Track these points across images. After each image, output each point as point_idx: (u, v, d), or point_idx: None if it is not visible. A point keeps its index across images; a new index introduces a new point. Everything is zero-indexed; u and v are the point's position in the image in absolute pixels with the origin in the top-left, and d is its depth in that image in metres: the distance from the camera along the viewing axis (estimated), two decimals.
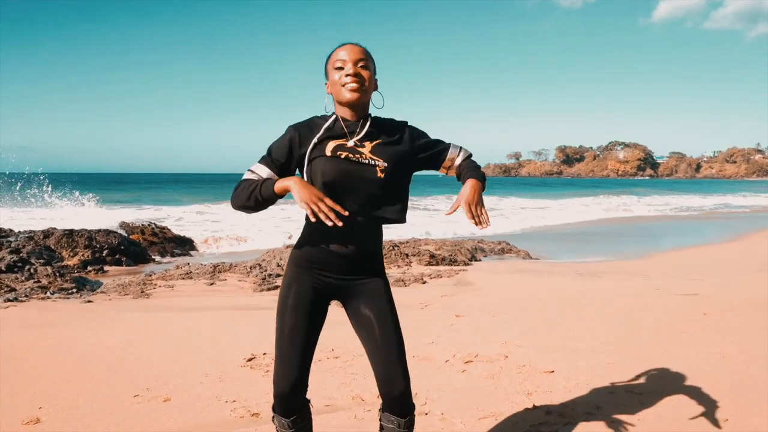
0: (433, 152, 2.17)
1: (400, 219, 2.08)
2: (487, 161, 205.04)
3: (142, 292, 6.71)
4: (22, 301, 6.11)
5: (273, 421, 2.17)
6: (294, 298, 2.09)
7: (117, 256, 10.54)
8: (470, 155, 2.23)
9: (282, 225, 16.01)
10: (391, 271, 7.93)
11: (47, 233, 11.19)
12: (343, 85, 2.03)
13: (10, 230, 13.71)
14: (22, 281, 7.56)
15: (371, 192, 2.01)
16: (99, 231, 11.38)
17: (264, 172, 2.05)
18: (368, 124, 2.08)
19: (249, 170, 2.08)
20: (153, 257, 11.43)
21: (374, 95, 2.13)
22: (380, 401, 2.15)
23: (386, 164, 2.01)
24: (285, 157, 2.05)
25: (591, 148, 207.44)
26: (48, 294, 6.76)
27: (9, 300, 6.10)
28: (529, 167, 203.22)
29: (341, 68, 2.05)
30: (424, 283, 7.19)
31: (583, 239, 15.14)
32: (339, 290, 2.12)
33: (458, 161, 2.19)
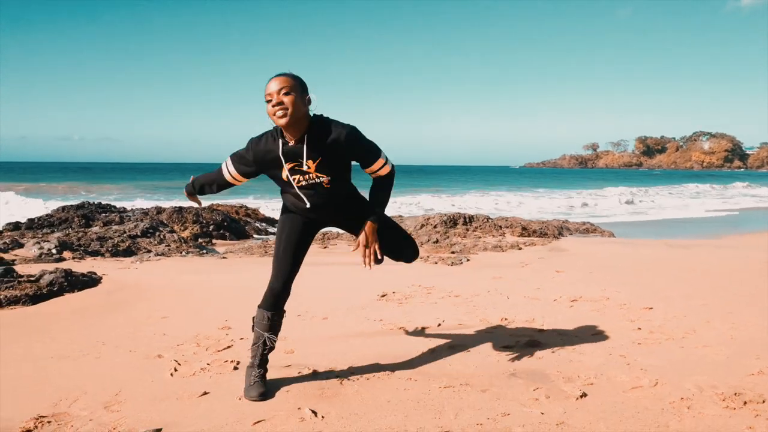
0: (361, 161, 2.62)
1: (346, 192, 2.72)
2: (563, 152, 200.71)
3: (266, 252, 7.56)
4: (168, 256, 7.06)
5: (252, 319, 2.90)
6: (288, 225, 2.76)
7: (221, 231, 11.55)
8: (390, 172, 2.69)
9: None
10: (487, 239, 8.51)
11: (159, 210, 12.39)
12: (273, 114, 2.44)
13: (124, 208, 15.18)
14: (156, 244, 8.60)
15: (323, 193, 2.62)
16: (204, 209, 12.47)
17: (234, 170, 2.70)
18: (306, 144, 2.49)
19: (225, 164, 2.72)
20: (251, 234, 12.43)
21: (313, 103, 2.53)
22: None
23: (329, 178, 2.58)
24: (247, 166, 2.65)
25: (673, 138, 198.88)
26: (183, 254, 7.72)
27: (158, 254, 7.07)
28: (607, 158, 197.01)
29: (270, 101, 2.43)
30: (520, 249, 7.71)
31: (668, 224, 15.16)
32: (327, 224, 2.81)
33: (377, 173, 2.67)
